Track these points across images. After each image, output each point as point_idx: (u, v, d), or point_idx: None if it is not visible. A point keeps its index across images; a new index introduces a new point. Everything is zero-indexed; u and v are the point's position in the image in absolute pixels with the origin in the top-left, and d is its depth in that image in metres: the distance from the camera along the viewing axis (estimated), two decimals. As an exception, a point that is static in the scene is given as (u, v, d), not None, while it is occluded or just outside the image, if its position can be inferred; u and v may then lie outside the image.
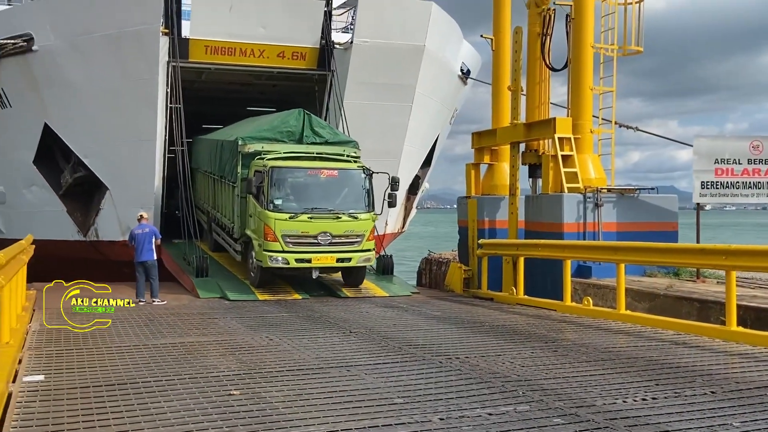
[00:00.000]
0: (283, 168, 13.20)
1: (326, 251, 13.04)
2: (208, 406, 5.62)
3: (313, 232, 12.94)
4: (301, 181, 13.43)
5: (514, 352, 8.02)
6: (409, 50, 18.08)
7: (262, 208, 12.99)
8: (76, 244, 18.68)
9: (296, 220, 12.88)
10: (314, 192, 13.45)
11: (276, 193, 13.02)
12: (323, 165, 13.68)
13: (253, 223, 13.39)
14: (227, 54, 17.59)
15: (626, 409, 5.55)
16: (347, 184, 13.71)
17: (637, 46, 14.34)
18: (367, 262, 13.69)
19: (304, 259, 12.96)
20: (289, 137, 14.25)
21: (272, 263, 12.78)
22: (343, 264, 13.31)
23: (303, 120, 14.33)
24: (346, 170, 13.76)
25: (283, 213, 12.89)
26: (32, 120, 18.23)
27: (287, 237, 12.80)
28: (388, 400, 5.80)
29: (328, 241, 13.02)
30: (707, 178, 13.11)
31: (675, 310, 10.75)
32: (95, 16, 16.81)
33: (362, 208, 13.50)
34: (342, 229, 13.14)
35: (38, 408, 5.61)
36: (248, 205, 13.64)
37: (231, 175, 14.61)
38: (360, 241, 13.28)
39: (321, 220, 13.00)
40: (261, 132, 14.39)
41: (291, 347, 8.30)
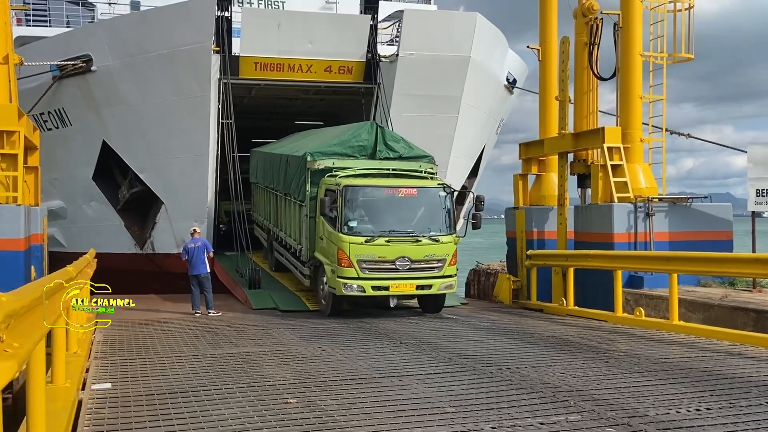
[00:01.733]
0: (357, 187, 12.12)
1: (405, 277, 11.98)
2: (266, 413, 5.85)
3: (390, 257, 11.86)
4: (377, 200, 12.36)
5: (564, 362, 8.03)
6: (454, 61, 18.18)
7: (335, 231, 11.93)
8: (133, 256, 19.31)
9: (373, 244, 11.81)
10: (391, 212, 12.37)
11: (350, 215, 11.96)
12: (401, 183, 12.57)
13: (325, 247, 12.37)
14: (276, 70, 17.99)
15: (679, 419, 5.55)
16: (427, 203, 12.57)
17: (688, 53, 14.15)
18: (449, 289, 12.50)
19: (382, 286, 11.90)
20: (361, 152, 13.26)
21: (346, 291, 11.79)
22: (423, 291, 12.19)
23: (376, 133, 13.34)
24: (425, 188, 12.61)
25: (359, 236, 11.82)
26: (91, 137, 18.97)
27: (363, 262, 11.76)
28: (440, 409, 5.92)
29: (407, 266, 11.92)
30: (762, 186, 12.83)
31: (730, 321, 10.56)
32: (149, 36, 17.43)
33: (443, 230, 12.36)
34: (422, 253, 12.01)
35: (107, 414, 5.91)
36: (318, 226, 12.65)
37: (298, 193, 13.49)
38: (441, 266, 12.15)
39: (399, 244, 11.94)
40: (330, 147, 13.26)
41: (343, 357, 8.48)
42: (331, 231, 12.04)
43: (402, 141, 13.60)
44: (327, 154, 13.05)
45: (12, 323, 3.55)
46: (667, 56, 14.08)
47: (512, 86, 22.42)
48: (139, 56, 17.50)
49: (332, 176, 12.50)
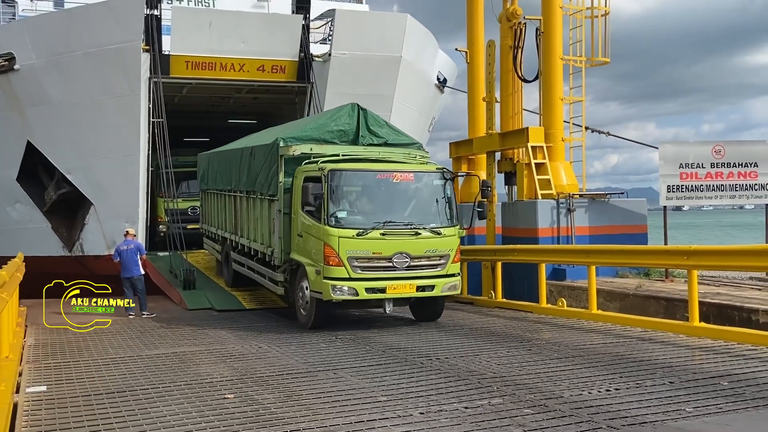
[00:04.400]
0: (345, 171, 10.43)
1: (404, 277, 10.25)
2: (204, 410, 6.03)
3: (387, 253, 10.12)
4: (368, 187, 10.71)
5: (491, 351, 8.49)
6: (386, 61, 18.56)
7: (320, 224, 10.18)
8: (61, 259, 18.86)
9: (365, 238, 10.05)
10: (385, 201, 10.72)
11: (337, 204, 10.23)
12: (395, 167, 10.93)
13: (305, 245, 10.62)
14: (208, 69, 17.93)
15: (591, 399, 6.06)
16: (425, 190, 10.96)
17: (604, 56, 14.98)
18: (454, 290, 10.83)
19: (377, 288, 10.14)
20: (341, 138, 11.48)
21: (336, 294, 9.94)
22: (424, 293, 10.45)
23: (357, 117, 11.59)
24: (423, 173, 10.98)
25: (349, 229, 10.08)
26: (15, 138, 18.43)
27: (354, 260, 10.02)
28: (373, 398, 6.25)
29: (406, 263, 10.21)
30: (673, 182, 13.74)
31: (644, 309, 11.32)
32: (76, 34, 17.08)
33: (445, 222, 10.75)
34: (423, 248, 10.34)
35: (44, 416, 5.97)
36: (295, 222, 10.92)
37: (267, 187, 11.71)
38: (444, 263, 10.51)
39: (396, 237, 10.19)
40: (306, 132, 11.51)
41: (279, 353, 8.70)
42: (315, 225, 10.31)
43: (386, 125, 12.10)
44: (302, 140, 11.29)
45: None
46: (585, 60, 14.87)
47: (443, 85, 23.00)
48: (65, 55, 17.12)
49: (312, 162, 10.75)
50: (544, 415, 5.59)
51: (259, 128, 23.87)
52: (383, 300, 10.38)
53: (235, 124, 24.18)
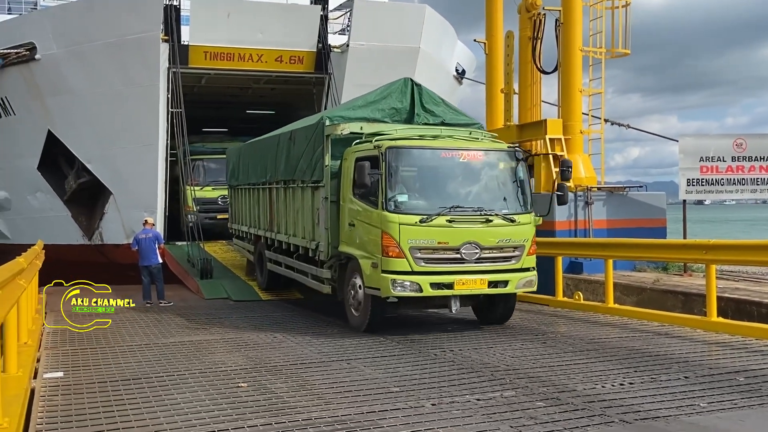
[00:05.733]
0: (406, 149, 9.17)
1: (474, 271, 8.93)
2: (218, 397, 6.09)
3: (454, 243, 8.84)
4: (431, 167, 9.38)
5: (505, 344, 8.47)
6: (404, 52, 18.49)
7: (377, 209, 8.96)
8: (81, 248, 19.10)
9: (429, 225, 8.78)
10: (451, 183, 9.40)
11: (397, 187, 8.98)
12: (461, 144, 9.64)
13: (357, 235, 9.40)
14: (226, 59, 17.99)
15: (604, 393, 6.03)
16: (496, 171, 9.63)
17: (625, 48, 14.80)
18: (530, 286, 9.45)
19: (443, 283, 8.86)
20: (393, 116, 10.37)
21: (397, 291, 8.73)
22: (497, 290, 9.14)
23: (411, 93, 10.48)
24: (493, 152, 9.70)
25: (411, 215, 8.84)
26: (36, 127, 18.66)
27: (417, 250, 8.75)
28: (385, 389, 6.26)
29: (476, 255, 8.90)
30: (693, 176, 13.57)
31: (661, 303, 11.21)
32: (96, 24, 17.22)
33: (519, 208, 9.44)
34: (495, 237, 9.04)
35: (61, 401, 6.06)
36: (344, 210, 9.74)
37: (311, 173, 10.53)
38: (519, 255, 9.21)
39: (465, 225, 8.92)
40: (354, 110, 10.46)
41: (293, 343, 8.74)
42: (370, 211, 9.08)
43: (443, 103, 10.89)
44: (350, 118, 10.17)
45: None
46: (606, 51, 14.70)
47: (461, 77, 22.89)
48: (85, 45, 17.27)
49: (365, 141, 9.58)
50: (557, 408, 5.57)
51: (276, 119, 24.04)
52: (449, 298, 9.04)
53: (253, 114, 24.26)
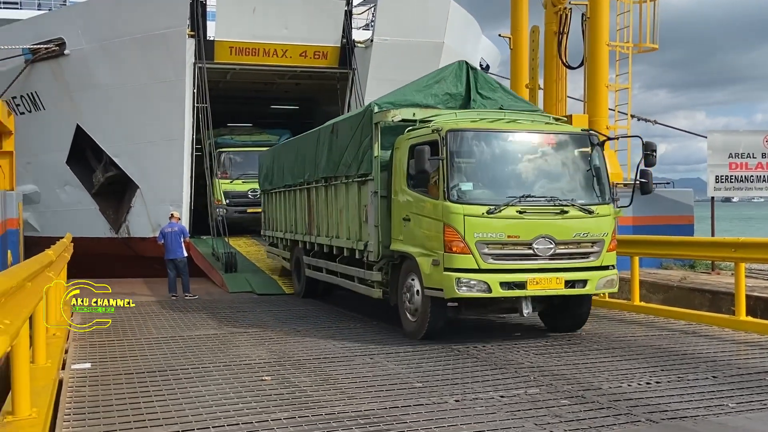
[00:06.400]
0: (470, 132, 8.29)
1: (548, 268, 7.97)
2: (242, 390, 6.13)
3: (526, 237, 7.89)
4: (498, 153, 8.47)
5: (529, 341, 8.40)
6: (428, 47, 18.44)
7: (438, 200, 8.05)
8: (108, 241, 19.36)
9: (498, 217, 7.84)
10: (520, 170, 8.50)
11: (461, 174, 8.11)
12: (532, 127, 8.81)
13: (414, 230, 8.49)
14: (251, 54, 18.09)
15: (630, 392, 5.95)
16: (569, 157, 8.68)
17: (652, 43, 14.59)
18: (611, 286, 8.44)
19: (515, 282, 7.87)
20: (447, 102, 9.48)
21: (462, 291, 7.75)
22: (574, 290, 8.12)
23: (467, 78, 9.61)
24: (566, 136, 8.76)
25: (477, 205, 7.91)
26: (65, 121, 18.94)
27: (485, 245, 7.82)
28: (408, 384, 6.26)
29: (550, 251, 7.95)
30: (722, 172, 13.36)
31: (688, 301, 11.07)
32: (124, 19, 17.42)
33: (596, 198, 8.43)
34: (571, 231, 8.08)
35: (88, 392, 6.15)
36: (395, 203, 8.89)
37: (357, 166, 9.65)
38: (598, 251, 8.19)
39: (538, 216, 7.98)
40: (404, 95, 9.52)
41: (317, 337, 8.77)
42: (430, 202, 8.21)
43: (500, 89, 10.09)
44: (401, 104, 9.25)
45: (2, 301, 3.78)
46: (633, 46, 14.51)
47: (486, 72, 22.76)
48: (113, 40, 17.48)
49: (419, 128, 8.74)
50: (582, 407, 5.52)
51: (301, 114, 24.19)
52: (519, 299, 8.06)
53: (278, 109, 24.38)
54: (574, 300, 8.51)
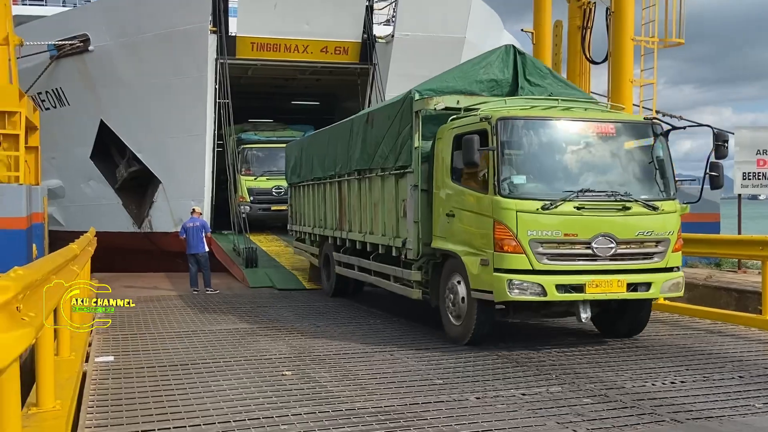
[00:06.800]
0: (523, 120, 7.64)
1: (609, 270, 7.34)
2: (262, 385, 6.15)
3: (584, 235, 7.25)
4: (552, 143, 7.81)
5: (550, 339, 8.32)
6: (449, 42, 18.34)
7: (487, 194, 7.41)
8: (131, 235, 19.55)
9: (554, 213, 7.23)
10: (577, 162, 7.85)
11: (513, 166, 7.48)
12: (589, 115, 8.15)
13: (459, 227, 7.89)
14: (273, 50, 18.14)
15: (654, 391, 5.88)
16: (631, 148, 7.99)
17: (678, 37, 14.38)
18: (676, 290, 7.74)
19: (571, 285, 7.24)
20: (492, 89, 8.79)
21: (514, 294, 7.15)
22: (636, 294, 7.49)
23: (514, 63, 8.91)
24: (627, 125, 8.11)
25: (530, 200, 7.29)
26: (89, 117, 19.14)
27: (539, 244, 7.20)
28: (429, 381, 6.24)
29: (611, 250, 7.31)
30: (749, 169, 13.13)
31: (714, 300, 10.90)
32: (147, 16, 17.54)
33: (659, 193, 7.77)
34: (634, 229, 7.43)
35: (111, 385, 6.21)
36: (437, 198, 8.30)
37: (394, 158, 9.07)
38: (663, 252, 7.55)
39: (597, 213, 7.35)
40: (447, 81, 8.84)
41: (337, 333, 8.77)
42: (477, 196, 7.59)
43: (550, 75, 9.32)
44: (443, 92, 8.55)
45: (27, 294, 3.81)
46: (658, 41, 14.30)
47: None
48: (136, 36, 17.62)
49: (464, 116, 8.08)
50: (605, 405, 5.45)
51: (321, 110, 24.21)
52: (575, 304, 7.42)
53: (298, 105, 24.43)
54: (632, 303, 7.89)
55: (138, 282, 14.52)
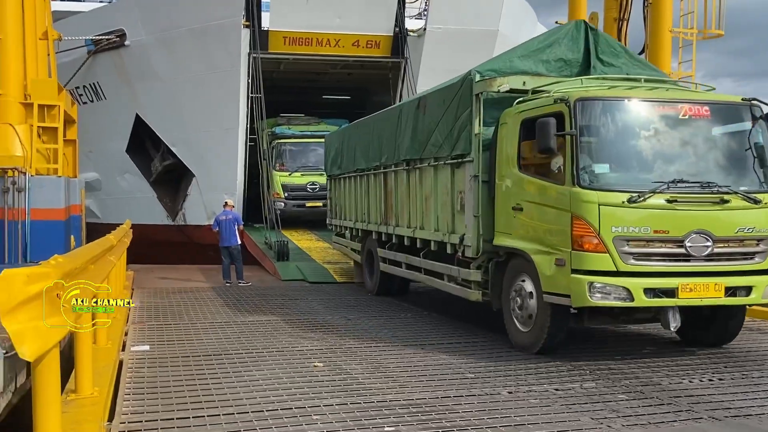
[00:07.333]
0: (605, 102, 6.85)
1: (704, 272, 6.52)
2: (294, 375, 6.20)
3: (677, 232, 6.44)
4: (640, 127, 6.90)
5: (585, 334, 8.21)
6: (482, 35, 18.21)
7: (564, 185, 6.63)
8: (165, 228, 19.83)
9: (641, 206, 6.40)
10: (667, 149, 6.93)
11: (594, 154, 6.68)
12: (680, 96, 7.39)
13: (528, 222, 7.10)
14: (305, 44, 18.20)
15: (691, 388, 5.79)
16: (726, 133, 7.19)
17: (718, 29, 14.06)
18: None
19: (661, 289, 6.40)
20: (560, 70, 8.05)
21: (596, 299, 6.35)
22: (735, 300, 6.64)
23: (585, 40, 8.11)
24: (722, 106, 7.20)
25: (615, 192, 6.48)
26: (125, 111, 19.46)
27: (625, 242, 6.39)
28: (460, 375, 6.21)
29: (707, 250, 6.48)
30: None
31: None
32: (181, 11, 17.75)
33: (761, 184, 6.90)
34: (733, 225, 6.61)
35: (147, 374, 6.31)
36: (500, 191, 7.50)
37: (450, 146, 8.33)
38: (765, 251, 6.73)
39: (691, 207, 6.53)
40: (511, 61, 8.05)
41: (368, 326, 8.79)
42: (551, 187, 6.82)
43: (624, 53, 8.41)
44: (506, 72, 7.80)
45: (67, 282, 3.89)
46: (697, 32, 14.00)
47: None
48: (171, 31, 17.84)
49: (533, 99, 7.34)
50: (640, 402, 5.37)
51: (352, 105, 24.23)
52: (664, 310, 6.55)
53: (330, 100, 24.49)
54: (722, 309, 7.03)
55: (172, 274, 14.73)
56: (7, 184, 11.19)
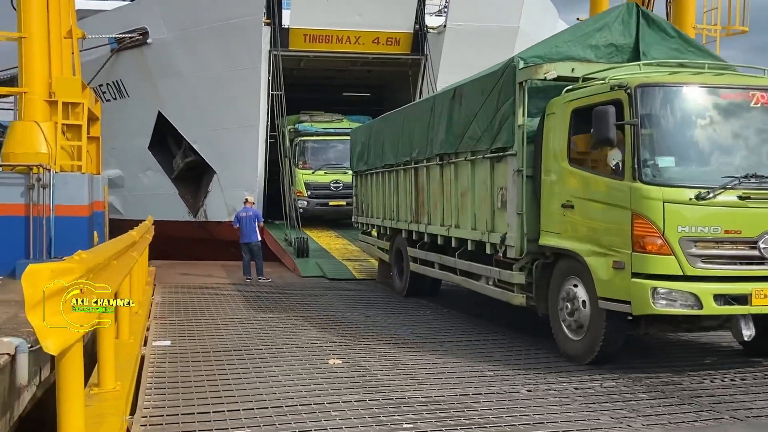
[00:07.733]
0: (668, 88, 6.33)
1: None
2: (313, 371, 6.24)
3: (750, 233, 5.92)
4: (707, 117, 6.37)
5: (604, 333, 8.18)
6: (502, 32, 18.12)
7: (623, 180, 6.10)
8: (186, 224, 20.01)
9: (711, 204, 5.88)
10: (739, 141, 6.36)
11: (657, 146, 6.15)
12: (753, 82, 6.65)
13: (581, 220, 6.57)
14: (325, 42, 18.25)
15: (713, 388, 5.75)
16: None
17: (742, 25, 13.86)
18: None
19: (732, 295, 5.85)
20: (610, 56, 7.48)
21: (660, 306, 5.81)
22: None
23: (637, 24, 7.56)
24: None
25: (681, 187, 5.94)
26: (147, 108, 19.65)
27: (692, 243, 5.86)
28: (479, 372, 6.21)
29: None
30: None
31: None
32: (203, 9, 17.88)
33: None
34: None
35: (168, 368, 6.39)
36: (546, 186, 7.02)
37: (490, 138, 7.80)
38: None
39: (766, 205, 5.97)
40: (557, 46, 7.51)
41: (387, 323, 8.81)
42: (608, 183, 6.28)
43: (678, 36, 7.81)
44: (552, 59, 7.28)
45: (90, 277, 3.95)
46: (721, 29, 13.82)
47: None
48: (192, 29, 17.97)
49: (584, 86, 6.83)
50: (661, 402, 5.34)
51: (372, 102, 24.24)
52: (736, 317, 5.97)
53: (349, 97, 24.52)
54: None
55: (193, 270, 14.87)
56: (32, 181, 11.36)
